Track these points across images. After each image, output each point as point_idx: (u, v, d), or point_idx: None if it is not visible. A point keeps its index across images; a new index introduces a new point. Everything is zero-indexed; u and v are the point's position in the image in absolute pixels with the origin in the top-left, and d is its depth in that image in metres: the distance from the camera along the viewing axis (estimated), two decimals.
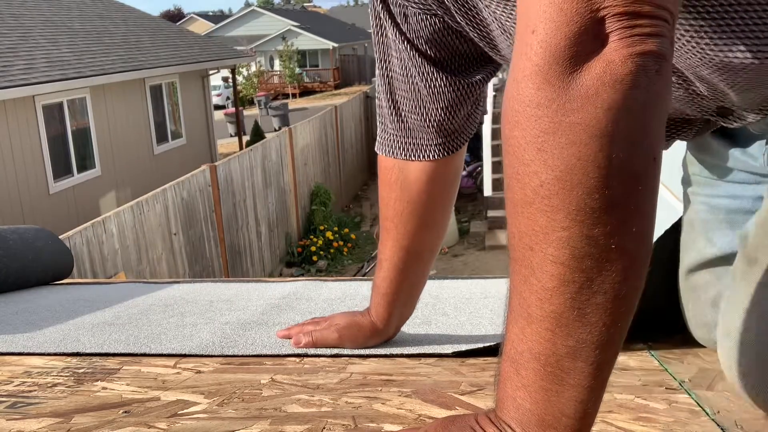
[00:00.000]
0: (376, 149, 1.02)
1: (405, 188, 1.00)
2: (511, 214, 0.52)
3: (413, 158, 0.98)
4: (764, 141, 0.85)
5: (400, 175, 1.00)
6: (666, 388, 0.83)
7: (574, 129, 0.47)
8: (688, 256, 0.96)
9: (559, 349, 0.51)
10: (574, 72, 0.47)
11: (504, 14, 0.73)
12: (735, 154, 0.89)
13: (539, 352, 0.52)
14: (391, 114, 0.97)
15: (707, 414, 0.76)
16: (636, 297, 0.51)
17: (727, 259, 0.90)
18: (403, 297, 1.05)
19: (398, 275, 1.03)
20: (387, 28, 0.91)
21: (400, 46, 0.91)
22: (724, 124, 0.85)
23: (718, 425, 0.73)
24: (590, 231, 0.48)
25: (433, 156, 0.98)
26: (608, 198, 0.48)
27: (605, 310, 0.50)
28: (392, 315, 1.05)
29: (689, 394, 0.81)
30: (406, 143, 0.98)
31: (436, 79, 0.91)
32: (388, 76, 0.95)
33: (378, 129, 1.02)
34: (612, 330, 0.51)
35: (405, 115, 0.96)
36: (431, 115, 0.94)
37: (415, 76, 0.92)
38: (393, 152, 0.99)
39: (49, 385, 0.93)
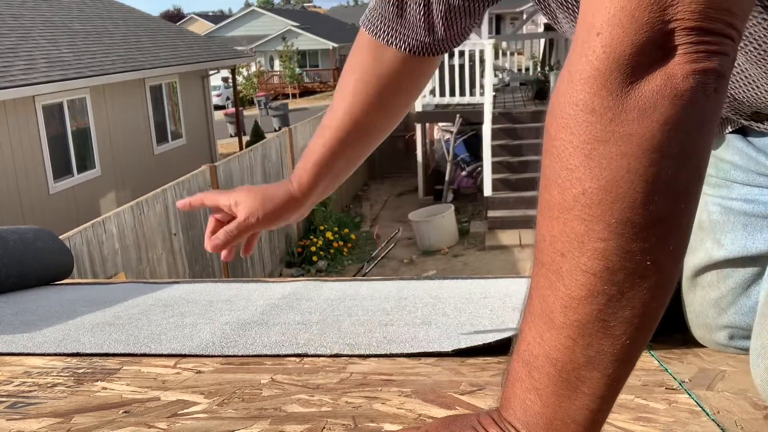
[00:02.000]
0: (360, 22, 1.01)
1: (376, 69, 1.00)
2: (544, 217, 0.51)
3: (396, 45, 0.98)
4: None
5: (378, 56, 0.99)
6: (666, 388, 0.83)
7: (627, 141, 0.46)
8: (694, 256, 0.95)
9: (577, 358, 0.51)
10: (634, 82, 0.46)
11: None
12: (754, 156, 0.86)
13: (556, 358, 0.51)
14: None
15: (707, 414, 0.76)
16: (661, 313, 0.51)
17: (734, 262, 0.89)
18: (334, 171, 1.03)
19: (339, 146, 1.01)
20: None
21: None
22: (754, 127, 0.84)
23: (718, 425, 0.73)
24: (628, 245, 0.47)
25: (417, 52, 0.98)
26: (651, 214, 0.47)
27: (631, 325, 0.49)
28: (316, 186, 1.03)
29: (689, 394, 0.81)
30: (393, 29, 0.97)
31: None
32: None
33: (369, 6, 1.01)
34: (634, 344, 0.50)
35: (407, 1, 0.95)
36: (433, 10, 0.94)
37: None
38: (378, 32, 0.98)
39: (49, 385, 0.93)
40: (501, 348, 0.97)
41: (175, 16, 57.47)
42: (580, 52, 0.49)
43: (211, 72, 14.69)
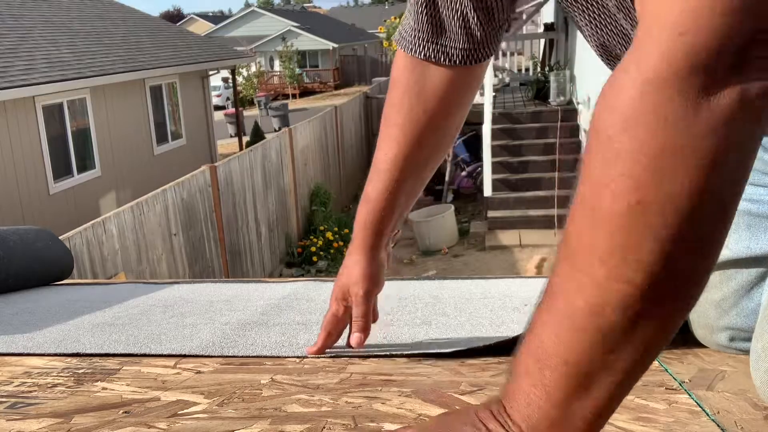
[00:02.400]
0: (395, 41, 0.96)
1: (423, 94, 0.94)
2: (587, 220, 0.49)
3: (439, 60, 0.92)
4: None
5: (420, 79, 0.94)
6: (666, 388, 0.83)
7: (695, 154, 0.44)
8: None
9: (596, 361, 0.50)
10: (710, 92, 0.44)
11: None
12: (760, 155, 0.85)
13: (573, 360, 0.51)
14: (426, 5, 0.91)
15: (707, 414, 0.76)
16: (681, 324, 0.51)
17: (737, 263, 0.89)
18: (397, 213, 1.00)
19: (398, 188, 0.97)
20: None
21: None
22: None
23: (718, 425, 0.73)
24: (675, 261, 0.46)
25: (459, 61, 0.92)
26: (703, 230, 0.46)
27: (657, 334, 0.49)
28: (385, 233, 0.99)
29: (689, 395, 0.81)
30: (433, 42, 0.92)
31: None
32: None
33: (402, 23, 0.96)
34: (655, 352, 0.50)
35: (441, 8, 0.90)
36: (468, 12, 0.89)
37: None
38: (419, 49, 0.93)
39: (49, 385, 0.93)
40: (501, 348, 0.97)
41: (175, 17, 57.50)
42: (656, 49, 0.45)
43: (211, 72, 14.69)
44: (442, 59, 0.93)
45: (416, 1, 0.93)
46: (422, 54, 0.94)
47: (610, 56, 0.82)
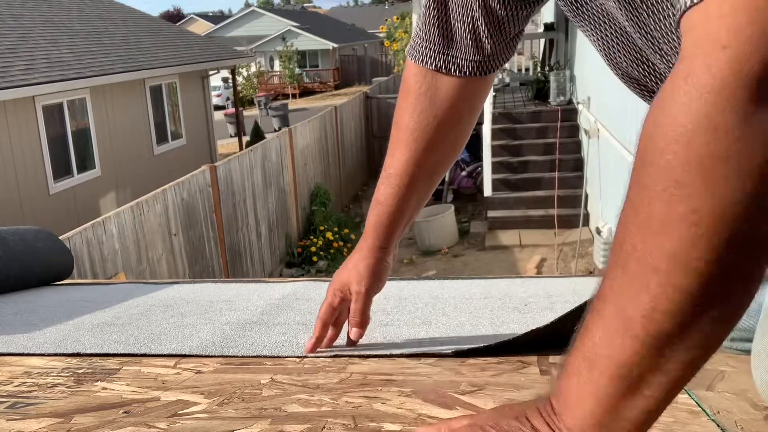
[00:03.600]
0: (407, 53, 0.98)
1: (434, 102, 0.96)
2: (640, 229, 0.50)
3: (449, 71, 0.95)
4: None
5: (431, 87, 0.96)
6: None
7: (749, 162, 0.45)
8: None
9: (646, 365, 0.51)
10: (760, 102, 0.45)
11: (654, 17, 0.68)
12: None
13: (623, 362, 0.51)
14: (437, 17, 0.93)
15: (707, 414, 0.76)
16: (732, 328, 0.51)
17: None
18: (407, 217, 1.01)
19: (407, 192, 0.98)
20: None
21: None
22: None
23: (718, 425, 0.73)
24: (728, 267, 0.47)
25: (469, 72, 0.95)
26: (756, 238, 0.47)
27: (709, 337, 0.50)
28: (395, 236, 1.01)
29: (689, 394, 0.81)
30: (444, 54, 0.94)
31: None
32: None
33: (414, 35, 0.98)
34: (708, 353, 0.51)
35: (452, 20, 0.92)
36: (479, 26, 0.91)
37: None
38: (429, 60, 0.95)
39: (49, 385, 0.93)
40: (501, 348, 0.97)
41: (175, 17, 57.48)
42: (702, 63, 0.47)
43: (211, 72, 14.70)
44: (452, 70, 0.95)
45: (427, 14, 0.94)
46: (433, 65, 0.96)
47: (630, 78, 0.83)
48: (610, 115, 7.37)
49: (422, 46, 0.96)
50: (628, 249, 0.51)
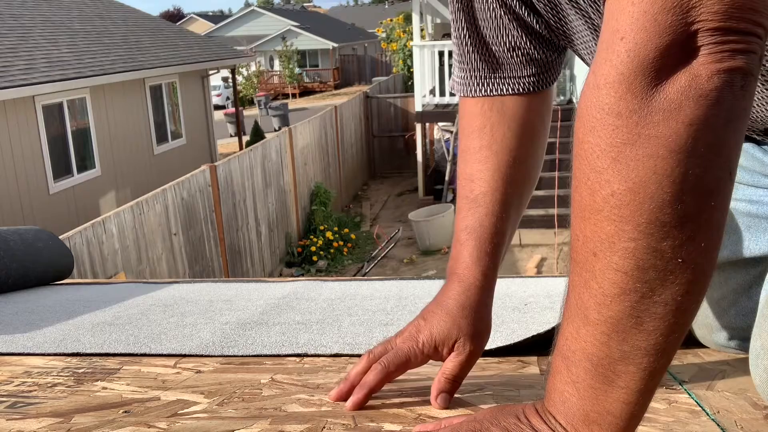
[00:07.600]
0: (455, 92, 0.90)
1: (503, 119, 0.87)
2: (576, 218, 0.53)
3: (502, 91, 0.87)
4: None
5: (495, 111, 0.87)
6: (666, 388, 0.83)
7: (653, 142, 0.47)
8: None
9: (612, 353, 0.52)
10: (658, 84, 0.47)
11: (592, 8, 0.69)
12: (760, 158, 0.85)
13: (592, 353, 0.53)
14: (475, 45, 0.86)
15: (707, 414, 0.76)
16: (696, 309, 0.52)
17: (736, 263, 0.89)
18: (508, 240, 0.86)
19: (502, 209, 0.84)
20: None
21: None
22: (766, 143, 0.83)
23: (718, 425, 0.73)
24: (658, 244, 0.49)
25: (527, 88, 0.87)
26: (680, 213, 0.48)
27: (663, 320, 0.51)
28: (496, 264, 0.85)
29: (689, 394, 0.81)
30: (498, 78, 0.87)
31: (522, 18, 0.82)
32: (468, 6, 0.84)
33: (455, 74, 0.91)
34: (668, 339, 0.51)
35: (491, 43, 0.86)
36: (517, 42, 0.85)
37: (498, 13, 0.83)
38: (482, 89, 0.87)
39: (49, 385, 0.93)
40: (501, 348, 0.97)
41: (175, 16, 57.49)
42: (604, 57, 0.49)
43: (211, 72, 14.69)
44: (505, 90, 0.88)
45: (463, 43, 0.88)
46: (482, 91, 0.88)
47: None
48: None
49: (468, 79, 0.89)
50: (574, 239, 0.54)
